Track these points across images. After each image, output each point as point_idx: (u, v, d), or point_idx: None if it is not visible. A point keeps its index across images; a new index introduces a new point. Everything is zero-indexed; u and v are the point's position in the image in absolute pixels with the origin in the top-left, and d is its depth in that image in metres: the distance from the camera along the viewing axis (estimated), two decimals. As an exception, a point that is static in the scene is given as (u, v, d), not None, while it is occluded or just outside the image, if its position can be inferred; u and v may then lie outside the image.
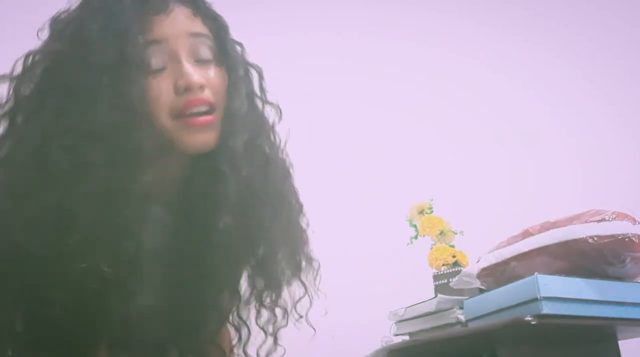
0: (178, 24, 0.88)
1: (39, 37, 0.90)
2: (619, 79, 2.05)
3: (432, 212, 1.73)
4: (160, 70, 0.86)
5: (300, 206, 1.05)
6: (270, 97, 1.02)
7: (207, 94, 0.88)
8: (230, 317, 1.03)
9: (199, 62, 0.89)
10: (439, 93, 2.31)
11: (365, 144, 2.25)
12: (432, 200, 1.76)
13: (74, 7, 0.90)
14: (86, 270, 0.78)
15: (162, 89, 0.86)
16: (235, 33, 0.98)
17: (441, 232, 1.68)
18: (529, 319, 0.87)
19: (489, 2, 2.29)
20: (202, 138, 0.88)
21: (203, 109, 0.88)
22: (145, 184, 0.84)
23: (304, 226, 1.06)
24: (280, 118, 1.03)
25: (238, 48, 0.98)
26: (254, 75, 1.00)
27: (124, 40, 0.83)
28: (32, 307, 0.84)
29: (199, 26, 0.91)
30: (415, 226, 1.74)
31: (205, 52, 0.90)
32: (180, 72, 0.86)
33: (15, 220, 0.80)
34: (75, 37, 0.86)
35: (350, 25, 2.35)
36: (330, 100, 2.20)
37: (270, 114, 1.02)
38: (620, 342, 1.05)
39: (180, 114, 0.87)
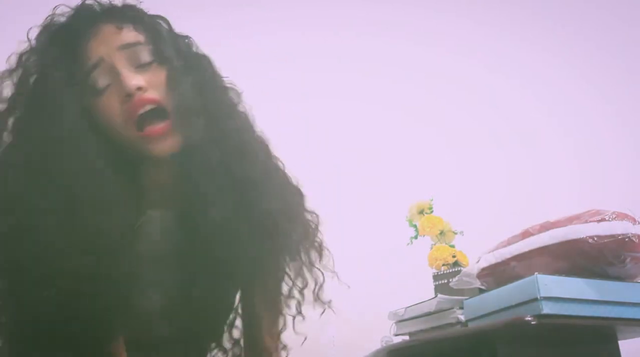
0: (107, 41, 0.91)
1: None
2: (617, 79, 2.05)
3: (432, 212, 1.73)
4: (107, 87, 0.90)
5: (285, 177, 1.05)
6: (225, 81, 1.03)
7: (150, 94, 0.90)
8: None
9: (140, 67, 0.92)
10: (437, 93, 2.31)
11: (364, 144, 2.25)
12: (432, 200, 1.76)
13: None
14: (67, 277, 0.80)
15: (110, 105, 0.90)
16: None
17: (441, 232, 1.68)
18: (529, 319, 0.87)
19: (487, 2, 2.29)
20: (166, 144, 0.91)
21: (149, 107, 0.90)
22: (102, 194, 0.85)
23: (296, 190, 1.06)
24: (239, 99, 1.03)
25: (182, 41, 1.00)
26: (202, 65, 1.01)
27: (44, 85, 0.88)
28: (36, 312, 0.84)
29: (128, 36, 0.93)
30: (415, 226, 1.74)
31: (144, 56, 0.93)
32: (119, 82, 0.89)
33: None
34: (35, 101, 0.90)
35: (348, 25, 2.35)
36: (328, 100, 2.20)
37: (229, 96, 1.02)
38: (620, 342, 1.05)
39: (130, 122, 0.90)
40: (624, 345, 1.05)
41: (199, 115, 0.93)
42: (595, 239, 0.93)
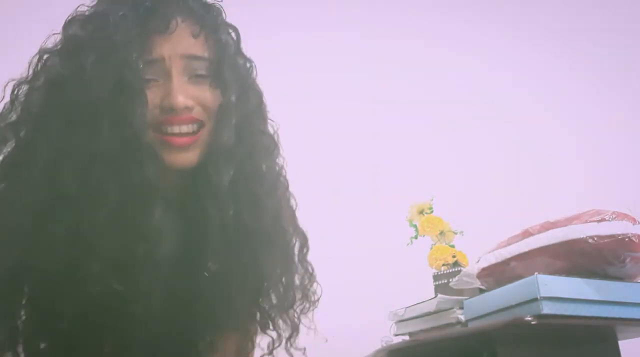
0: (177, 45, 0.87)
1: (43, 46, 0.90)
2: (619, 79, 2.05)
3: (432, 212, 1.73)
4: (152, 81, 0.86)
5: (299, 237, 1.03)
6: (269, 126, 0.99)
7: (194, 113, 0.87)
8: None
9: (194, 78, 0.89)
10: (438, 93, 2.31)
11: (365, 144, 2.25)
12: (432, 200, 1.76)
13: (77, 23, 0.89)
14: (100, 291, 0.79)
15: (149, 101, 0.85)
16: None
17: (441, 232, 1.68)
18: (529, 319, 0.87)
19: (490, 2, 2.29)
20: (182, 158, 0.88)
21: (185, 129, 0.87)
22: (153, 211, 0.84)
23: (297, 258, 1.03)
24: (277, 148, 1.00)
25: (243, 64, 0.96)
26: (252, 100, 0.96)
27: (122, 66, 0.83)
28: (42, 319, 0.84)
29: (198, 48, 0.89)
30: (415, 226, 1.74)
31: (201, 71, 0.89)
32: (169, 89, 0.86)
33: (27, 242, 0.80)
34: (75, 61, 0.85)
35: (351, 25, 2.35)
36: (328, 99, 2.21)
37: (265, 141, 0.99)
38: (620, 342, 1.05)
39: (159, 129, 0.86)
40: (624, 345, 1.05)
41: (234, 158, 0.89)
42: (595, 239, 0.93)
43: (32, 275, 0.83)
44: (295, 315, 1.03)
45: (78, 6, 0.90)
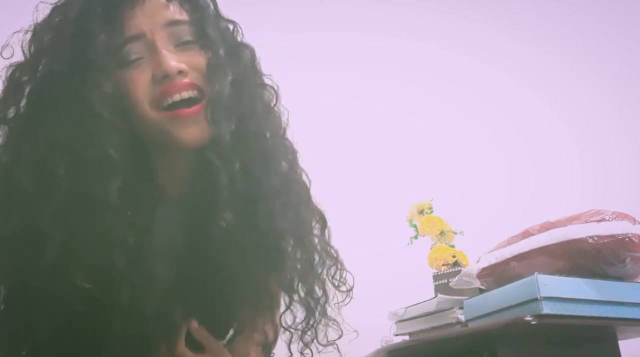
0: (153, 15, 0.85)
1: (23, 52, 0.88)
2: (619, 79, 2.05)
3: (432, 212, 1.73)
4: (139, 59, 0.84)
5: (308, 193, 0.98)
6: (264, 78, 0.96)
7: (190, 78, 0.84)
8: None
9: (181, 46, 0.86)
10: (439, 93, 2.31)
11: (365, 144, 2.25)
12: (432, 200, 1.76)
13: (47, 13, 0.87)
14: (67, 290, 0.76)
15: (140, 80, 0.83)
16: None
17: (441, 232, 1.68)
18: (529, 319, 0.87)
19: (492, 3, 2.29)
20: (194, 131, 0.84)
21: (186, 94, 0.84)
22: (117, 192, 0.79)
23: (314, 211, 0.99)
24: (277, 99, 0.96)
25: (226, 26, 0.93)
26: (244, 55, 0.93)
27: (84, 43, 0.81)
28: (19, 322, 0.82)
29: (175, 12, 0.87)
30: (415, 226, 1.75)
31: (186, 36, 0.86)
32: (158, 61, 0.83)
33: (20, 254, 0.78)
34: (39, 46, 0.84)
35: (352, 25, 2.35)
36: (329, 99, 2.21)
37: (266, 95, 0.95)
38: (620, 342, 1.05)
39: (160, 104, 0.83)
40: (624, 345, 1.05)
41: (233, 112, 0.85)
42: (595, 239, 0.93)
43: (7, 276, 0.81)
44: (321, 308, 0.97)
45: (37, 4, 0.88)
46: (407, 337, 1.29)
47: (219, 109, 0.84)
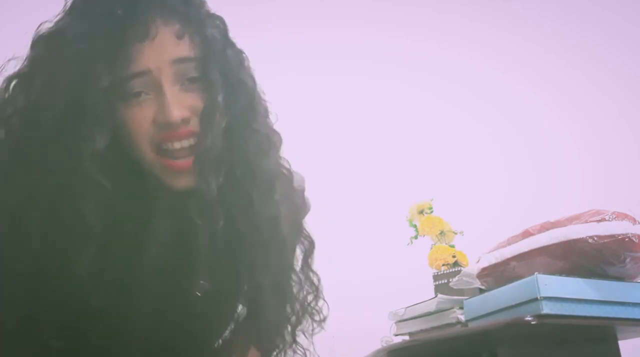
0: (162, 52, 0.80)
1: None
2: (619, 79, 2.05)
3: (432, 212, 1.73)
4: (142, 95, 0.80)
5: (303, 243, 0.97)
6: (267, 119, 0.92)
7: (192, 125, 0.82)
8: None
9: (186, 84, 0.82)
10: (439, 93, 2.31)
11: (365, 144, 2.25)
12: (432, 200, 1.76)
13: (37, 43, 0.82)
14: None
15: (141, 120, 0.80)
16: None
17: (441, 232, 1.68)
18: (529, 319, 0.87)
19: (492, 3, 2.29)
20: (182, 181, 0.82)
21: (186, 143, 0.81)
22: (94, 257, 0.76)
23: (304, 238, 0.97)
24: (273, 145, 0.93)
25: (233, 59, 0.88)
26: (243, 95, 0.89)
27: (82, 82, 0.77)
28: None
29: (184, 49, 0.82)
30: (415, 226, 1.74)
31: (192, 73, 0.83)
32: (162, 104, 0.79)
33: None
34: (28, 79, 0.80)
35: (352, 25, 2.35)
36: (330, 99, 2.21)
37: (260, 139, 0.91)
38: (620, 342, 1.05)
39: (159, 147, 0.81)
40: (624, 345, 1.05)
41: (223, 163, 0.83)
42: (595, 239, 0.93)
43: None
44: (291, 331, 0.95)
45: (41, 24, 0.83)
46: (407, 337, 1.29)
47: (209, 164, 0.82)
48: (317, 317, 0.98)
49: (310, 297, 0.98)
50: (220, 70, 0.85)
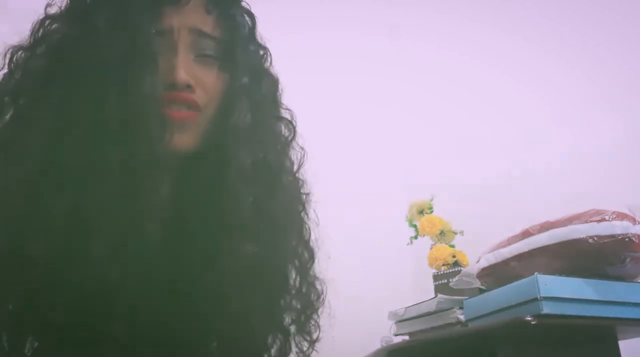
0: (187, 17, 0.83)
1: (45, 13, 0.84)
2: (619, 79, 2.05)
3: (432, 212, 1.73)
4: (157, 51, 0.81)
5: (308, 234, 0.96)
6: (284, 111, 0.94)
7: (195, 94, 0.82)
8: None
9: (200, 58, 0.84)
10: (439, 93, 2.31)
11: (365, 144, 2.25)
12: (432, 200, 1.76)
13: None
14: (100, 278, 0.72)
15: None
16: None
17: (441, 232, 1.68)
18: (529, 319, 0.87)
19: (492, 3, 2.29)
20: (179, 139, 0.81)
21: (185, 108, 0.82)
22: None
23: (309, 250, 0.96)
24: (294, 135, 0.95)
25: (257, 52, 0.92)
26: (266, 85, 0.92)
27: (135, 32, 0.79)
28: (31, 309, 0.77)
29: (208, 25, 0.85)
30: (415, 226, 1.75)
31: (209, 50, 0.85)
32: (172, 64, 0.81)
33: (23, 224, 0.73)
34: (84, 23, 0.81)
35: (352, 25, 2.35)
36: (330, 99, 2.20)
37: (283, 129, 0.93)
38: (620, 342, 1.05)
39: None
40: (624, 345, 1.05)
41: (250, 141, 0.84)
42: (595, 239, 0.93)
43: (24, 260, 0.75)
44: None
45: None
46: (407, 337, 1.29)
47: (241, 138, 0.84)
48: (309, 337, 0.95)
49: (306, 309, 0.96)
50: (245, 56, 0.88)
